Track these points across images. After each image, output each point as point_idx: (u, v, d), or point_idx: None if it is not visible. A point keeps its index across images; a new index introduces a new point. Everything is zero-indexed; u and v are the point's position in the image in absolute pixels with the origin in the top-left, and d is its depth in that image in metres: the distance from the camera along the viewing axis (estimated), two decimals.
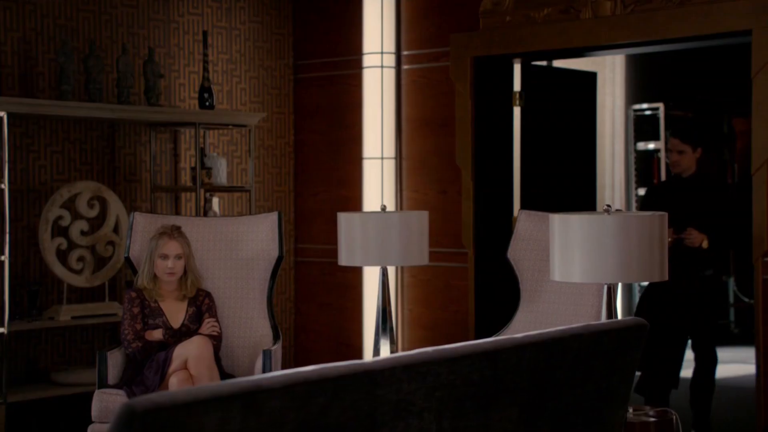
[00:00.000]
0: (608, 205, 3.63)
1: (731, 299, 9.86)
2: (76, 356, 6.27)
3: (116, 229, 6.13)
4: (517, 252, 4.71)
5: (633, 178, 9.46)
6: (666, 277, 3.56)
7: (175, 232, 4.64)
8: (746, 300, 9.59)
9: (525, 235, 4.69)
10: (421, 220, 4.55)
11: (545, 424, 2.77)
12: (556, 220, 3.53)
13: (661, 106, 9.39)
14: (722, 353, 8.84)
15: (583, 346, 2.84)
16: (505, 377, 2.61)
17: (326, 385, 2.18)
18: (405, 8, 6.78)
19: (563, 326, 2.93)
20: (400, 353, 2.38)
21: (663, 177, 9.41)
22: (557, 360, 2.75)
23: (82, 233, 6.03)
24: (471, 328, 6.41)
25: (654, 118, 9.47)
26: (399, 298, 6.77)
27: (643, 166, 9.49)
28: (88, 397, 5.59)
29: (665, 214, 3.58)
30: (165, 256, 4.60)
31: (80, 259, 6.01)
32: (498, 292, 6.51)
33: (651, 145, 9.43)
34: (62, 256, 5.97)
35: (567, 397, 2.81)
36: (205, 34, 6.57)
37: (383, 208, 4.70)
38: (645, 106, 9.46)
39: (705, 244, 5.63)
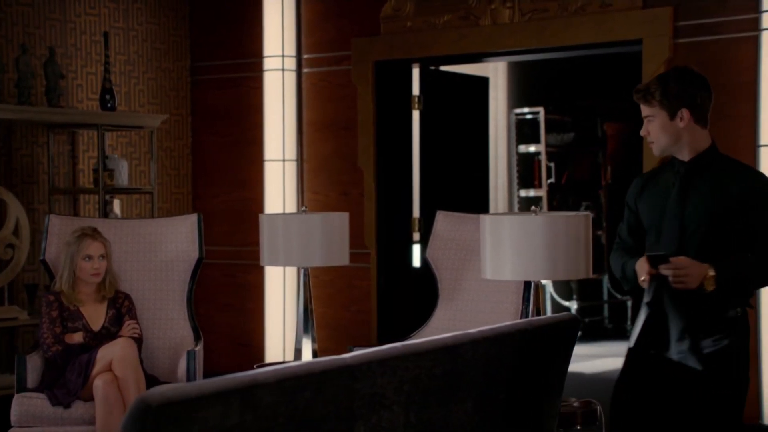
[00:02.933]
0: (535, 206, 3.81)
1: (605, 297, 10.25)
2: None
3: (16, 232, 6.02)
4: (435, 252, 4.85)
5: (515, 180, 9.74)
6: (590, 275, 3.74)
7: (95, 233, 4.62)
8: (619, 297, 10.00)
9: (443, 235, 4.84)
10: (342, 221, 4.65)
11: (496, 415, 2.92)
12: (487, 220, 3.68)
13: (541, 110, 9.69)
14: (597, 348, 9.23)
15: (526, 340, 2.99)
16: (463, 371, 2.73)
17: (311, 380, 2.27)
18: (305, 12, 6.84)
19: (508, 322, 3.07)
20: (374, 348, 2.48)
21: (545, 179, 9.71)
22: (506, 354, 2.90)
23: None
24: (374, 327, 6.53)
25: (534, 121, 9.77)
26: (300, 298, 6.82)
27: (524, 169, 9.79)
28: None
29: (590, 214, 3.76)
30: (90, 257, 4.58)
31: None
32: (400, 291, 6.65)
33: (532, 148, 9.72)
34: None
35: (514, 388, 2.95)
36: (105, 35, 6.51)
37: (304, 210, 4.79)
38: (526, 110, 9.75)
39: (709, 285, 3.28)
